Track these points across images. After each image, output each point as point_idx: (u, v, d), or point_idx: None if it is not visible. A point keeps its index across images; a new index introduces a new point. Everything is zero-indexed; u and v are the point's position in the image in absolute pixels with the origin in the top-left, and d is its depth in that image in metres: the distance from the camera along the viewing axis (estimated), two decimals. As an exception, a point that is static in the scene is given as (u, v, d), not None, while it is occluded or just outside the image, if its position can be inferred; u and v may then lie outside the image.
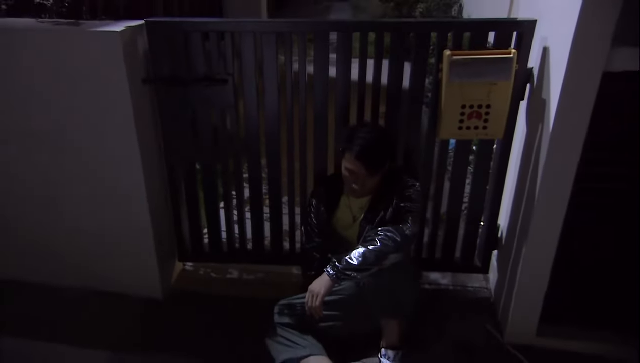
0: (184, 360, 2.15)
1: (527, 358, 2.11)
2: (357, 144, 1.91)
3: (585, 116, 1.79)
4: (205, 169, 2.42)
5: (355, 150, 1.90)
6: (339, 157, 2.08)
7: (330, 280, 1.84)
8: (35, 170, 2.26)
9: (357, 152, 1.90)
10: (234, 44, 2.15)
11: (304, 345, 2.01)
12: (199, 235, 2.60)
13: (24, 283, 2.49)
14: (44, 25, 2.03)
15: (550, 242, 2.02)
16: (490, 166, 2.28)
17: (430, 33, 2.05)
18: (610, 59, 1.70)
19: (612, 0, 1.60)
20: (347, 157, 1.94)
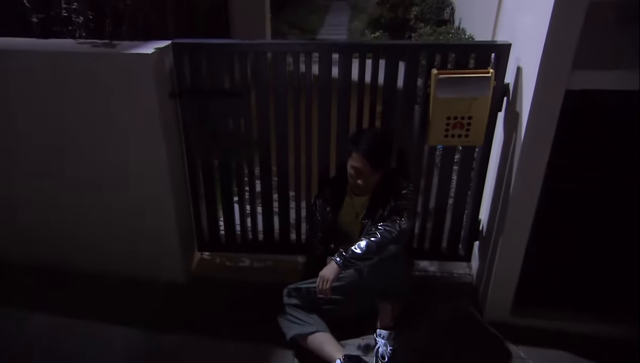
0: (206, 336, 2.36)
1: (502, 333, 2.34)
2: (364, 145, 2.12)
3: (552, 127, 2.00)
4: (222, 168, 2.63)
5: (362, 150, 2.11)
6: (343, 159, 2.29)
7: (338, 267, 2.06)
8: (76, 170, 2.46)
9: (364, 151, 2.11)
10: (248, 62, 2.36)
11: (311, 323, 2.22)
12: (216, 228, 2.82)
13: (64, 271, 2.69)
14: (84, 47, 2.23)
15: (523, 234, 2.23)
16: (472, 168, 2.50)
17: (420, 54, 2.27)
18: (571, 80, 1.91)
19: (571, 32, 1.83)
20: (354, 156, 2.15)
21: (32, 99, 2.30)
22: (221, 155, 2.57)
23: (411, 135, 2.43)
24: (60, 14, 2.93)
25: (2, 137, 2.44)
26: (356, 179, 2.18)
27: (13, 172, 2.54)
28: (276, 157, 2.57)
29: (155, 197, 2.47)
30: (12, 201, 2.63)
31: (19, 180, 2.55)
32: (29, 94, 2.29)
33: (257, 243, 2.85)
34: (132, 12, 3.29)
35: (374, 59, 2.32)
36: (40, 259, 2.70)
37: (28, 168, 2.50)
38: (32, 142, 2.41)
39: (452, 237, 2.69)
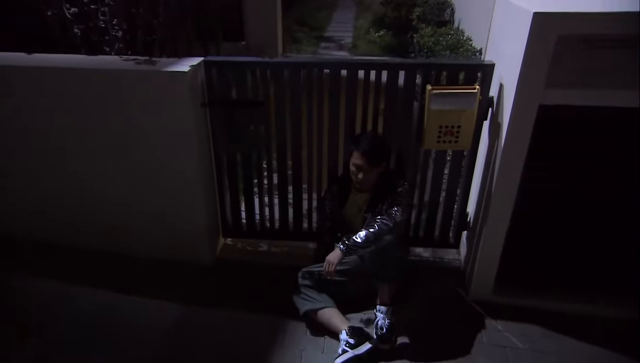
0: (232, 311, 2.65)
1: (484, 310, 2.61)
2: (363, 145, 2.38)
3: (527, 135, 2.25)
4: (244, 165, 2.89)
5: (362, 149, 2.37)
6: (348, 158, 2.53)
7: (341, 253, 2.33)
8: (120, 166, 2.74)
9: (363, 150, 2.36)
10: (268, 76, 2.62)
11: (321, 300, 2.50)
12: (238, 217, 3.10)
13: (111, 253, 2.96)
14: (129, 63, 2.51)
15: (503, 225, 2.48)
16: (461, 168, 2.76)
17: (417, 71, 2.52)
18: (544, 96, 2.16)
19: (542, 58, 2.07)
20: (355, 155, 2.40)
21: (91, 108, 2.58)
22: (243, 154, 2.84)
23: (409, 140, 2.68)
24: (98, 25, 3.21)
25: (63, 139, 2.72)
26: (357, 175, 2.42)
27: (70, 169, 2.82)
28: (291, 155, 2.82)
29: (187, 190, 2.75)
30: (67, 193, 2.91)
31: (75, 177, 2.84)
32: (87, 103, 2.57)
33: (274, 231, 3.13)
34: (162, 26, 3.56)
35: (377, 75, 2.55)
36: (92, 244, 2.99)
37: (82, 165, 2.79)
38: (97, 142, 2.69)
39: (443, 227, 2.96)
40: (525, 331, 2.50)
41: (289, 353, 2.38)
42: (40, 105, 2.62)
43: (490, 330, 2.52)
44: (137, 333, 2.52)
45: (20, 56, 2.66)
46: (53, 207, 2.97)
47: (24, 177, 2.91)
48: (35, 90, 2.59)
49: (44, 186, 2.91)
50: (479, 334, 2.49)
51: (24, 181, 2.93)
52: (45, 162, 2.82)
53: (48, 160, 2.81)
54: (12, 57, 2.65)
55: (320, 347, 2.42)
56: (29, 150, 2.80)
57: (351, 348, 2.28)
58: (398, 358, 2.35)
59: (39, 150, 2.78)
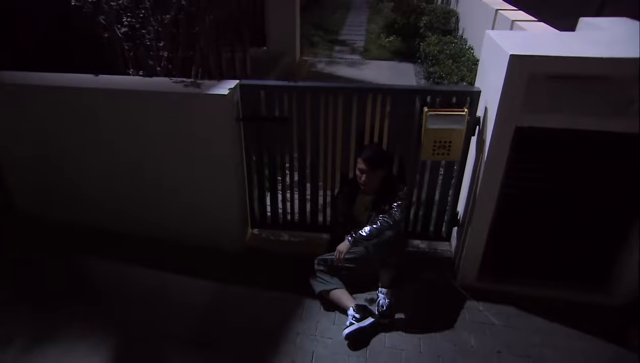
0: (259, 291, 3.02)
1: (468, 293, 2.96)
2: (365, 153, 2.77)
3: (506, 150, 2.58)
4: (269, 165, 3.26)
5: (364, 156, 2.75)
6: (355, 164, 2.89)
7: (349, 244, 2.71)
8: (170, 168, 3.13)
9: (364, 157, 2.74)
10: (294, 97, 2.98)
11: (333, 283, 2.88)
12: (264, 210, 3.49)
13: (161, 240, 3.35)
14: (178, 86, 2.90)
15: (485, 223, 2.82)
16: (452, 175, 3.10)
17: (416, 96, 2.86)
18: (520, 119, 2.50)
19: (517, 90, 2.42)
20: (359, 161, 2.77)
21: (150, 121, 2.98)
22: (269, 157, 3.22)
23: (409, 151, 3.04)
24: (144, 43, 3.59)
25: (126, 144, 3.12)
26: (361, 178, 2.78)
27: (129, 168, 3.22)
28: (310, 159, 3.19)
29: (223, 187, 3.13)
30: (125, 188, 3.31)
31: (133, 174, 3.24)
32: (146, 117, 2.98)
33: (293, 223, 3.51)
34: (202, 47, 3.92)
35: (382, 98, 2.90)
36: (145, 232, 3.40)
37: (140, 165, 3.18)
38: (153, 147, 3.08)
39: (437, 223, 3.32)
40: (500, 311, 2.87)
41: (306, 325, 2.78)
42: (109, 118, 3.03)
43: (472, 310, 2.88)
44: (177, 310, 2.89)
45: (89, 78, 3.06)
46: (112, 200, 3.39)
47: (90, 175, 3.32)
48: (107, 107, 3.00)
49: (106, 183, 3.32)
50: (463, 312, 2.86)
51: (89, 178, 3.34)
52: (112, 164, 3.23)
53: (114, 162, 3.22)
54: (84, 79, 3.04)
55: (332, 320, 2.81)
56: (100, 154, 3.20)
57: (357, 321, 2.66)
58: (395, 330, 2.74)
59: (108, 154, 3.18)
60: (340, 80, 7.46)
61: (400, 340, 2.68)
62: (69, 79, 3.08)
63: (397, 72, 7.86)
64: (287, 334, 2.70)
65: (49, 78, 3.10)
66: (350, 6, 13.64)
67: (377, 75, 7.67)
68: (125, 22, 3.45)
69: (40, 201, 3.53)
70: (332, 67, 8.26)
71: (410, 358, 2.56)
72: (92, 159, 3.23)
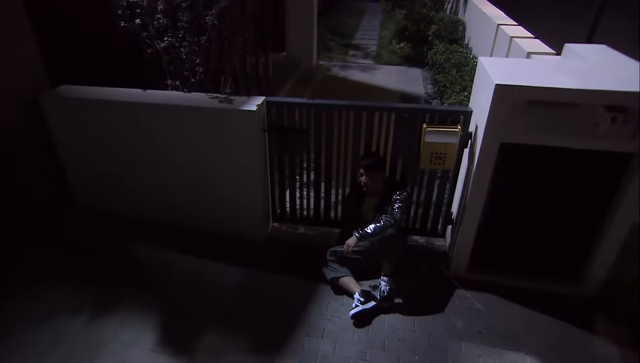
0: (278, 276, 3.39)
1: (459, 282, 3.29)
2: (364, 160, 3.15)
3: (492, 162, 2.89)
4: (289, 167, 3.61)
5: (363, 163, 3.13)
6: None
7: (356, 239, 3.07)
8: (207, 169, 3.49)
9: (362, 164, 3.13)
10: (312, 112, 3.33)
11: (342, 271, 3.24)
12: (284, 206, 3.86)
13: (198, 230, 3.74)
14: (214, 101, 3.27)
15: (474, 223, 3.15)
16: (447, 181, 3.43)
17: (416, 114, 3.18)
18: (504, 136, 2.82)
19: (502, 112, 2.74)
20: (361, 165, 3.17)
21: (191, 128, 3.36)
22: (290, 158, 3.57)
23: (410, 161, 3.37)
24: (180, 56, 3.95)
25: (171, 148, 3.51)
26: (362, 180, 3.16)
27: (173, 169, 3.61)
28: (324, 161, 3.53)
29: (250, 185, 3.50)
30: (169, 185, 3.70)
31: (176, 174, 3.62)
32: (188, 125, 3.35)
33: (309, 218, 3.87)
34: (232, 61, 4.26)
35: (387, 118, 3.23)
36: (184, 223, 3.80)
37: (182, 167, 3.57)
38: (194, 151, 3.48)
39: (434, 221, 3.65)
40: (485, 298, 3.21)
41: (318, 306, 3.15)
42: (156, 127, 3.43)
43: (461, 297, 3.23)
44: (209, 292, 3.27)
45: (138, 92, 3.46)
46: (159, 196, 3.78)
47: (139, 174, 3.72)
48: (154, 118, 3.40)
49: (153, 181, 3.72)
50: (453, 299, 3.21)
51: (139, 176, 3.73)
52: (159, 165, 3.62)
53: (161, 163, 3.60)
54: (134, 94, 3.44)
55: (340, 302, 3.18)
56: (142, 154, 3.60)
57: (362, 304, 3.03)
58: (393, 312, 3.09)
59: (155, 157, 3.57)
60: (354, 84, 7.77)
61: (398, 320, 3.05)
62: (121, 93, 3.48)
63: (406, 77, 8.13)
64: (302, 313, 3.08)
65: (105, 92, 3.50)
66: (365, 10, 13.79)
67: (387, 80, 7.95)
68: (165, 40, 3.82)
69: (96, 195, 3.95)
70: (346, 71, 8.56)
71: (405, 335, 2.93)
72: (142, 161, 3.63)
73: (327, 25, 11.03)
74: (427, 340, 2.90)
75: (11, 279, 3.31)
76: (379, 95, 7.31)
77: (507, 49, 5.23)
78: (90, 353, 2.74)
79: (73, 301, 3.11)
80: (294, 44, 8.34)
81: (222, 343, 2.85)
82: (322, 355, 2.78)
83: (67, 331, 2.88)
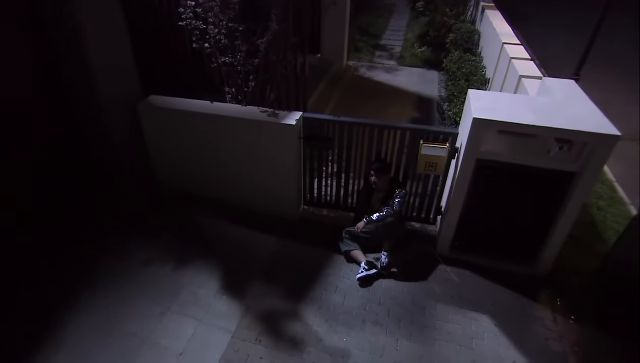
0: (306, 246, 4.17)
1: (442, 259, 4.01)
2: (375, 164, 3.87)
3: (470, 171, 3.56)
4: (318, 161, 4.38)
5: (374, 166, 3.86)
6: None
7: (364, 223, 3.85)
8: (255, 164, 4.28)
9: (373, 168, 3.86)
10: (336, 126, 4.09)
11: (353, 246, 4.00)
12: (312, 193, 4.65)
13: (246, 209, 4.53)
14: (263, 115, 4.04)
15: (456, 214, 3.83)
16: (438, 182, 4.15)
17: (417, 133, 3.88)
18: (480, 154, 3.51)
19: (479, 135, 3.43)
20: (371, 170, 3.92)
21: (245, 134, 4.14)
22: (318, 158, 4.36)
23: (410, 166, 4.09)
24: (236, 71, 4.71)
25: (227, 147, 4.32)
26: (372, 180, 3.89)
27: (227, 162, 4.42)
28: (345, 161, 4.26)
29: (288, 176, 4.27)
30: (224, 174, 4.52)
31: (230, 167, 4.43)
32: (243, 132, 4.13)
33: (330, 203, 4.65)
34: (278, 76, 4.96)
35: (393, 134, 3.94)
36: (235, 203, 4.61)
37: (235, 161, 4.38)
38: (246, 150, 4.28)
39: (427, 211, 4.37)
40: (460, 272, 3.93)
41: (333, 270, 3.95)
42: (220, 131, 4.23)
43: (442, 270, 3.96)
44: (254, 255, 4.09)
45: (206, 104, 4.28)
46: (221, 182, 4.62)
47: (203, 165, 4.56)
48: (220, 125, 4.19)
49: (213, 169, 4.56)
50: (435, 271, 3.95)
51: (204, 166, 4.57)
52: (217, 159, 4.44)
53: (219, 158, 4.43)
54: (202, 105, 4.26)
55: (350, 268, 3.97)
56: (207, 150, 4.43)
57: (366, 271, 3.81)
58: (389, 279, 3.86)
59: (220, 153, 4.38)
60: (377, 84, 8.34)
61: (392, 284, 3.83)
62: (193, 104, 4.30)
63: (424, 79, 8.63)
64: (320, 275, 3.90)
65: (181, 102, 4.33)
66: (394, 10, 13.93)
67: (406, 82, 8.49)
68: (225, 59, 4.58)
69: (174, 178, 4.81)
70: (371, 71, 9.10)
71: (396, 295, 3.72)
72: (206, 155, 4.46)
73: (358, 26, 11.35)
74: (412, 299, 3.69)
75: (116, 237, 4.28)
76: (398, 95, 7.89)
77: (507, 68, 5.75)
78: (176, 292, 3.67)
79: (160, 256, 4.03)
80: (327, 47, 8.89)
81: (263, 291, 3.73)
82: (334, 304, 3.62)
83: (158, 276, 3.82)
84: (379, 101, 7.54)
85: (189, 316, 3.47)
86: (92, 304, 3.53)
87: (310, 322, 3.44)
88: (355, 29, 10.93)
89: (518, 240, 3.87)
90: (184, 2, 4.19)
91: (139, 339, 3.27)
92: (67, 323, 3.37)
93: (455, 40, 8.48)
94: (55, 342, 3.23)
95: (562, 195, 3.50)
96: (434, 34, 9.55)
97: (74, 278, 3.76)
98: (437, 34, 9.45)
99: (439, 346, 3.28)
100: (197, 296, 3.65)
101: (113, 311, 3.48)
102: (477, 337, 3.35)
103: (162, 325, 3.39)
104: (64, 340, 3.24)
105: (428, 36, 9.71)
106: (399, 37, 11.27)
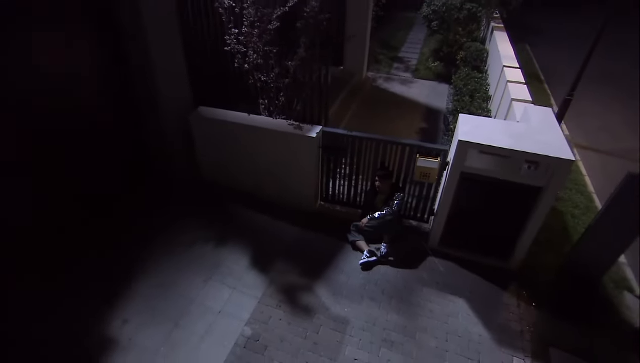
0: (322, 235, 4.81)
1: (432, 252, 4.60)
2: (379, 171, 4.48)
3: (456, 180, 4.16)
4: (334, 163, 5.03)
5: (378, 173, 4.48)
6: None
7: (368, 219, 4.50)
8: (280, 167, 4.97)
9: (378, 174, 4.47)
10: (349, 139, 4.73)
11: (359, 237, 4.64)
12: (327, 190, 5.30)
13: (270, 202, 5.21)
14: (290, 127, 4.73)
15: (445, 215, 4.41)
16: (431, 188, 4.75)
17: (414, 148, 4.48)
18: (464, 168, 4.11)
19: (464, 153, 4.00)
20: (376, 176, 4.55)
21: (274, 143, 4.82)
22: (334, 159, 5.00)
23: (408, 175, 4.69)
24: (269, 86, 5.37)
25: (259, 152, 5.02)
26: (377, 185, 4.53)
27: (257, 162, 5.13)
28: (355, 164, 4.88)
29: (307, 175, 4.93)
30: (252, 172, 5.23)
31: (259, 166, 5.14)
32: (273, 141, 4.81)
33: (342, 200, 5.29)
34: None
35: (396, 148, 4.55)
36: (261, 196, 5.32)
37: (264, 162, 5.07)
38: (273, 156, 5.00)
39: (422, 211, 4.96)
40: (447, 264, 4.51)
41: (341, 256, 4.60)
42: (254, 140, 4.92)
43: (431, 261, 4.56)
44: (278, 239, 4.76)
45: (244, 116, 4.98)
46: (253, 178, 5.33)
47: (240, 165, 5.26)
48: (254, 135, 4.87)
49: (247, 169, 5.26)
50: (425, 262, 4.55)
51: (240, 167, 5.27)
52: (251, 161, 5.14)
53: (252, 160, 5.13)
54: (241, 116, 4.97)
55: (355, 255, 4.61)
56: (243, 153, 5.13)
57: (367, 258, 4.45)
58: (386, 266, 4.49)
59: (254, 156, 5.06)
60: (392, 96, 8.86)
61: (388, 270, 4.46)
62: (233, 115, 5.01)
63: (435, 92, 9.08)
64: (331, 259, 4.56)
65: (223, 114, 5.04)
66: (414, 22, 14.08)
67: (418, 94, 8.96)
68: (262, 77, 5.24)
69: (215, 174, 5.54)
70: (388, 83, 9.60)
71: (390, 279, 4.36)
72: (242, 157, 5.18)
73: (378, 39, 11.71)
74: (403, 283, 4.32)
75: (171, 220, 5.06)
76: (409, 107, 8.39)
77: (504, 90, 6.22)
78: (215, 265, 4.42)
79: (205, 235, 4.79)
80: (349, 59, 9.33)
81: (285, 269, 4.42)
82: (340, 283, 4.29)
83: (202, 253, 4.58)
84: (393, 110, 8.07)
85: (225, 284, 4.21)
86: (152, 272, 4.32)
87: (320, 294, 4.13)
88: (376, 41, 11.29)
89: (495, 239, 4.43)
90: (229, 31, 4.87)
91: (188, 299, 4.03)
92: (133, 286, 4.16)
93: (466, 57, 8.82)
94: (125, 298, 4.02)
95: (530, 205, 4.04)
96: (447, 50, 9.90)
97: (141, 250, 4.56)
98: (450, 50, 9.79)
99: (420, 320, 3.91)
100: (232, 269, 4.38)
101: (169, 277, 4.25)
102: (453, 315, 3.97)
103: (205, 290, 4.14)
104: (132, 298, 4.03)
105: (442, 52, 10.06)
106: (416, 50, 11.58)
